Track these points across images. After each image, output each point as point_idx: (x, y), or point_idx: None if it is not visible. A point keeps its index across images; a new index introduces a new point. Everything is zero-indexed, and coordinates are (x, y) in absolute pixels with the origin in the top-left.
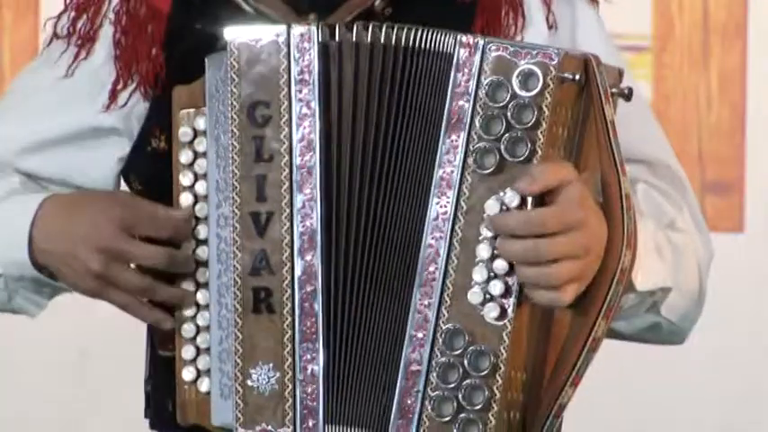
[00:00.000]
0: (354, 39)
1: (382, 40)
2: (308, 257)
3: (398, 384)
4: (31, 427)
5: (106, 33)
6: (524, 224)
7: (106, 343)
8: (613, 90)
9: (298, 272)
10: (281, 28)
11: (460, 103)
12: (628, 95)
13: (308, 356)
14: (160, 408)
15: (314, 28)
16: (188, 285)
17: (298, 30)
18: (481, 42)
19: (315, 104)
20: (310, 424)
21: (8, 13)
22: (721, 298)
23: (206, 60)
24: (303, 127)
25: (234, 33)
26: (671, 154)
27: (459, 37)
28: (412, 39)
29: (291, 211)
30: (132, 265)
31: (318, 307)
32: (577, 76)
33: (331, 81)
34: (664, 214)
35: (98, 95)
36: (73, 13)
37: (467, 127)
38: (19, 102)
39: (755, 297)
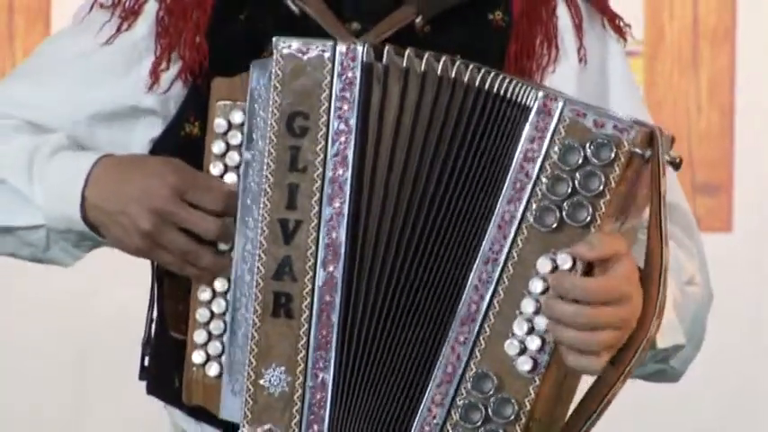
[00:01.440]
0: (405, 64)
1: (438, 72)
2: (331, 268)
3: (420, 412)
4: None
5: (150, 9)
6: (581, 290)
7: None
8: (667, 158)
9: (319, 282)
10: (328, 44)
11: (530, 156)
12: (678, 165)
13: (321, 364)
14: (165, 381)
15: (359, 47)
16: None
17: (343, 47)
18: (560, 104)
19: (353, 122)
20: (315, 429)
21: (20, 19)
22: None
23: (251, 65)
24: (339, 142)
25: (283, 42)
26: (681, 194)
27: (539, 92)
28: (480, 79)
29: (319, 222)
30: None
31: (335, 318)
32: (647, 154)
33: (372, 101)
34: (684, 271)
35: (134, 66)
36: None
37: (532, 181)
38: (59, 66)
39: (743, 293)
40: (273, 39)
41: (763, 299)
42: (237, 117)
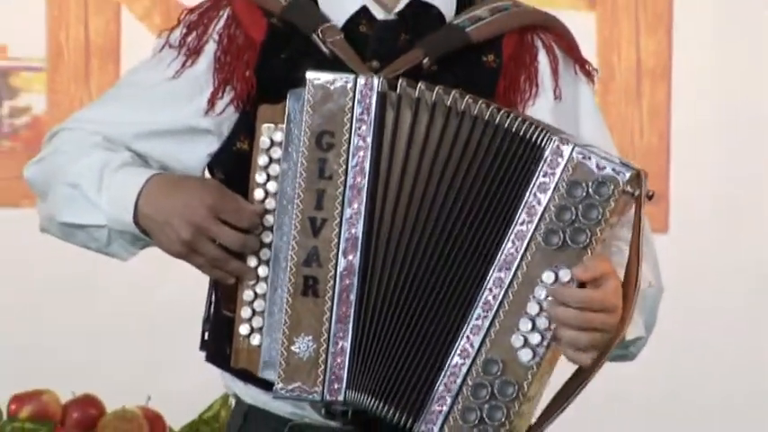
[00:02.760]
0: (416, 95)
1: (448, 103)
2: (350, 257)
3: (437, 385)
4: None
5: (209, 49)
6: (581, 300)
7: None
8: (647, 193)
9: (340, 267)
10: (350, 76)
11: (543, 187)
12: (651, 197)
13: (341, 334)
14: (219, 349)
15: (375, 79)
16: (252, 261)
17: (362, 79)
18: (570, 147)
19: (369, 139)
20: (335, 387)
21: (94, 60)
22: None
23: (289, 93)
24: (358, 156)
25: (314, 75)
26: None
27: (552, 136)
28: (492, 111)
29: (341, 220)
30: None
31: (353, 297)
32: (636, 192)
33: (386, 123)
34: (644, 278)
35: (196, 96)
36: (185, 30)
37: (543, 208)
38: (133, 93)
39: (678, 285)
40: (306, 72)
41: (695, 290)
42: (278, 136)
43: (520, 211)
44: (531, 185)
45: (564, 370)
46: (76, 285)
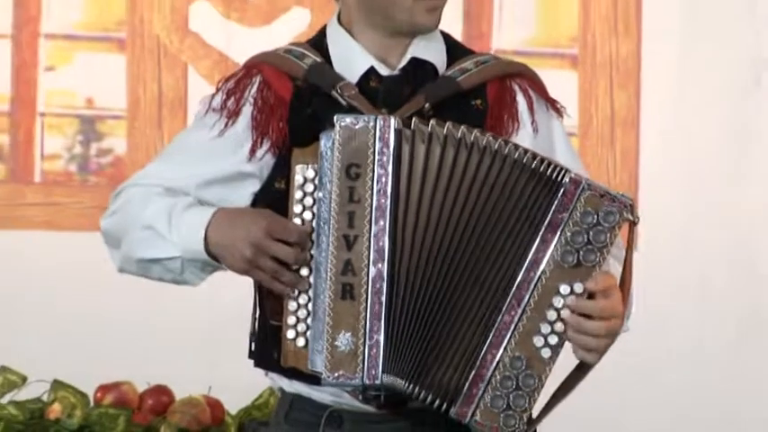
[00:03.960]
0: (429, 130)
1: (458, 135)
2: (379, 266)
3: (471, 375)
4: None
5: (246, 110)
6: (598, 310)
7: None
8: (635, 219)
9: (371, 274)
10: (371, 117)
11: (560, 216)
12: (637, 222)
13: (375, 329)
14: (267, 354)
15: (392, 119)
16: (303, 271)
17: (381, 120)
18: (583, 182)
19: (390, 168)
20: (373, 373)
21: (165, 110)
22: None
23: (321, 134)
24: (381, 182)
25: (341, 118)
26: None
27: (570, 174)
28: (508, 149)
29: (370, 235)
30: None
31: (384, 298)
32: (634, 219)
33: (403, 155)
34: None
35: (239, 149)
36: (224, 96)
37: (560, 231)
38: (185, 152)
39: (646, 296)
40: (335, 116)
41: (661, 300)
42: (310, 174)
43: (541, 233)
44: (552, 212)
45: (561, 364)
46: (152, 294)
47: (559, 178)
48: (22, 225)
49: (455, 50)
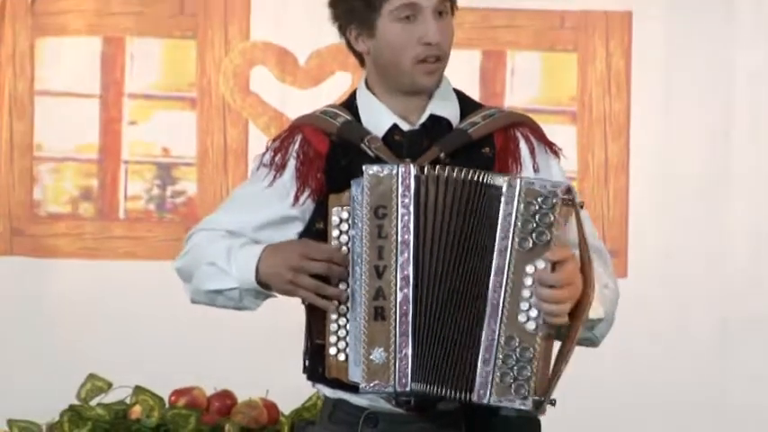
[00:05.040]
0: (436, 174)
1: (454, 176)
2: (405, 291)
3: (477, 364)
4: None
5: (291, 164)
6: (553, 280)
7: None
8: (580, 203)
9: (399, 299)
10: (395, 166)
11: (508, 212)
12: (582, 205)
13: (403, 344)
14: (315, 369)
15: (412, 167)
16: (342, 285)
17: (403, 167)
18: (519, 180)
19: (411, 208)
20: (403, 381)
21: (231, 159)
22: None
23: (352, 182)
24: (404, 220)
25: (368, 167)
26: (598, 239)
27: (505, 177)
28: (475, 175)
29: (396, 265)
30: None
31: (410, 318)
32: (570, 197)
33: (420, 196)
34: (601, 278)
35: (285, 197)
36: (272, 153)
37: (512, 225)
38: (243, 201)
39: (634, 319)
40: (363, 166)
41: (648, 315)
42: (344, 215)
43: (498, 231)
44: (503, 212)
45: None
46: (218, 313)
47: (500, 183)
48: (109, 256)
49: (467, 105)
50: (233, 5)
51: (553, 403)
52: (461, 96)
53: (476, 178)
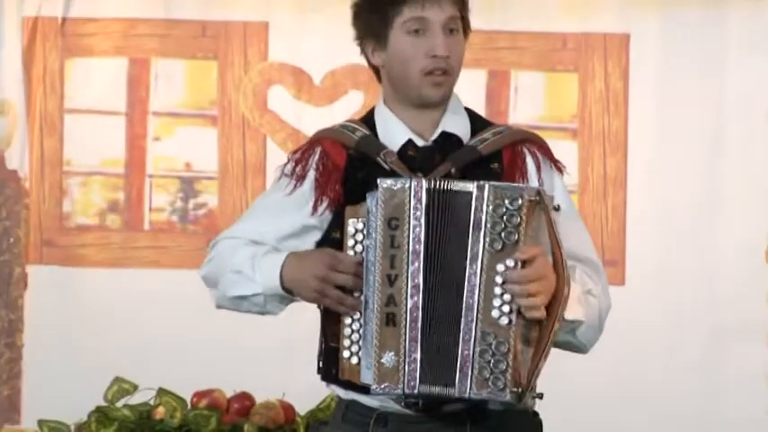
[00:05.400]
0: (448, 188)
1: (451, 187)
2: (415, 299)
3: (458, 360)
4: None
5: (310, 175)
6: (522, 276)
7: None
8: (554, 206)
9: (409, 305)
10: (407, 180)
11: (479, 215)
12: (557, 208)
13: (413, 349)
14: (329, 371)
15: (423, 181)
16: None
17: (415, 181)
18: (486, 185)
19: (422, 220)
20: (411, 384)
21: (249, 173)
22: (607, 328)
23: (367, 194)
24: (415, 231)
25: (384, 181)
26: (593, 250)
27: (474, 183)
28: (454, 186)
29: (407, 274)
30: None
31: (419, 324)
32: (537, 198)
33: (432, 209)
34: (585, 284)
35: (304, 206)
36: (293, 164)
37: (483, 228)
38: (264, 210)
39: (632, 327)
40: (378, 180)
41: (646, 335)
42: (360, 226)
43: (471, 234)
44: (473, 216)
45: (559, 359)
46: (237, 319)
47: (471, 189)
48: (134, 264)
49: (477, 123)
50: (252, 28)
51: (540, 397)
52: (472, 114)
53: (449, 187)
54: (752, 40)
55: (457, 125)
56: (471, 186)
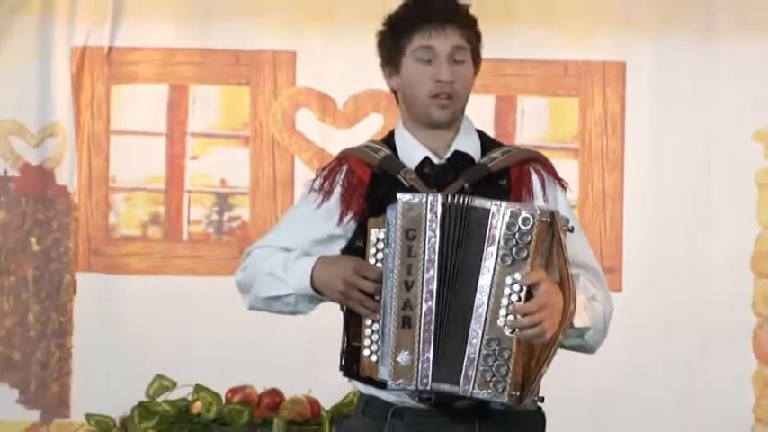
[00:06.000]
0: (462, 203)
1: (468, 203)
2: (429, 303)
3: (464, 363)
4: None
5: (337, 190)
6: (527, 308)
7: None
8: (565, 227)
9: (424, 310)
10: (424, 195)
11: (494, 232)
12: (571, 229)
13: (426, 349)
14: (350, 368)
15: (439, 196)
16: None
17: (431, 197)
18: (503, 204)
19: (437, 232)
20: (424, 381)
21: (279, 189)
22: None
23: (387, 208)
24: (431, 242)
25: (402, 195)
26: (594, 259)
27: (492, 201)
28: (473, 202)
29: (423, 281)
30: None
31: (432, 327)
32: (548, 220)
33: (446, 221)
34: (589, 291)
35: (331, 218)
36: (321, 180)
37: (497, 243)
38: (295, 221)
39: (625, 329)
40: (397, 194)
41: (641, 338)
42: (381, 235)
43: (485, 248)
44: (489, 232)
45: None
46: (266, 321)
47: (489, 206)
48: (174, 272)
49: (487, 143)
50: (281, 57)
51: (541, 400)
52: (482, 135)
53: (464, 202)
54: (738, 69)
55: (469, 145)
56: (489, 204)
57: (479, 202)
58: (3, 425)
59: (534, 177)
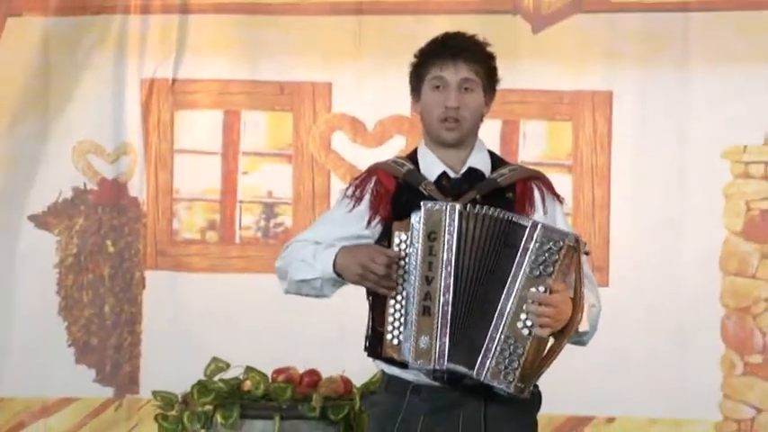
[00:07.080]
0: (475, 211)
1: (489, 214)
2: (446, 296)
3: (482, 352)
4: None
5: (366, 197)
6: (544, 299)
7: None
8: (584, 251)
9: (442, 301)
10: (444, 203)
11: (527, 245)
12: (588, 253)
13: (443, 334)
14: (374, 349)
15: (458, 205)
16: (396, 288)
17: (449, 204)
18: (539, 223)
19: (455, 235)
20: (441, 361)
21: (317, 200)
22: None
23: (412, 213)
24: (449, 243)
25: (426, 203)
26: (588, 267)
27: (529, 220)
28: (506, 215)
29: (441, 276)
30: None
31: (449, 316)
32: (575, 245)
33: (462, 226)
34: (588, 299)
35: (361, 221)
36: (353, 188)
37: (528, 256)
38: (329, 222)
39: (614, 320)
40: (421, 202)
41: (626, 327)
42: (404, 237)
43: (517, 257)
44: (523, 246)
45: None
46: (307, 311)
47: (524, 223)
48: (228, 270)
49: (496, 161)
50: (319, 88)
51: (536, 388)
52: (492, 154)
53: (507, 217)
54: (711, 97)
55: (480, 162)
56: (526, 221)
57: (518, 217)
58: (82, 400)
59: (536, 193)
